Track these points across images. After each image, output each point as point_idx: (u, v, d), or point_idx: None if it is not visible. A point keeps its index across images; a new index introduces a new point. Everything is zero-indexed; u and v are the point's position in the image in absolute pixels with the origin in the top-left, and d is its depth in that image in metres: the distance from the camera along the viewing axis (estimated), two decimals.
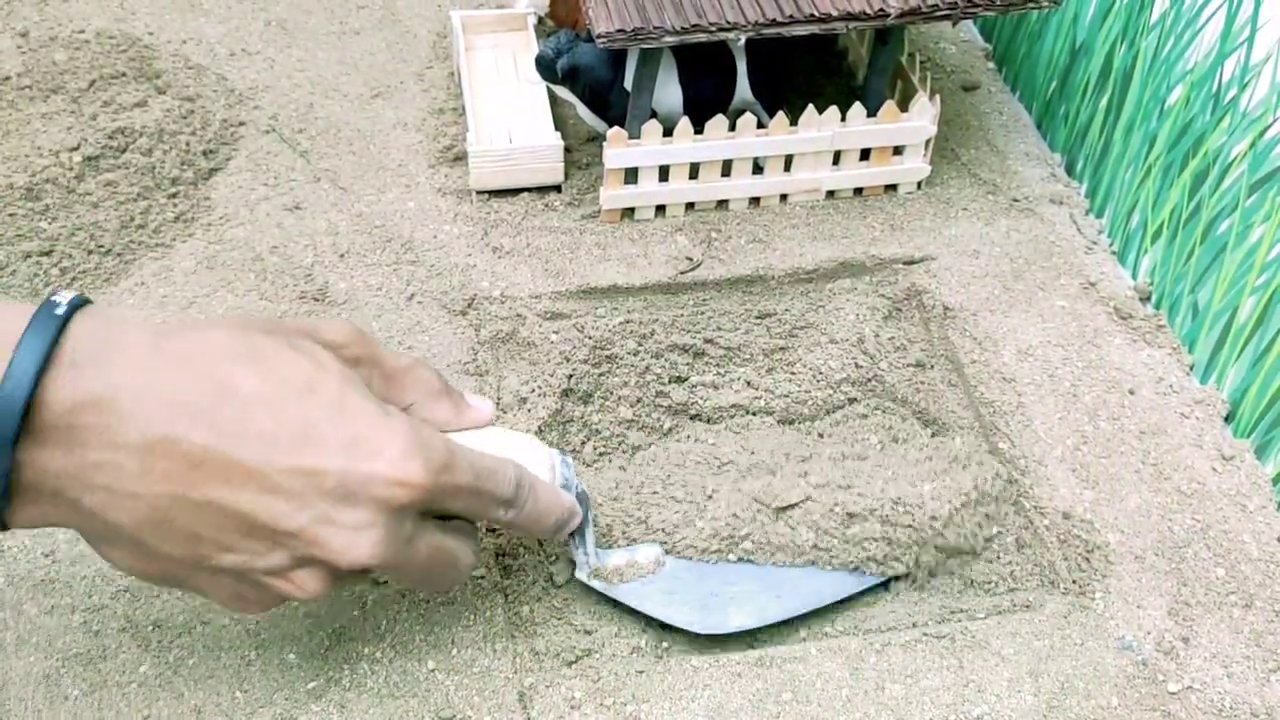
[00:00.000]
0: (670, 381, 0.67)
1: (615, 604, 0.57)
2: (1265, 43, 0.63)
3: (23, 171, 0.72)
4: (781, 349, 0.69)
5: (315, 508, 0.43)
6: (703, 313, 0.70)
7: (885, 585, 0.58)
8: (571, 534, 0.54)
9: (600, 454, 0.64)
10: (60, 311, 0.41)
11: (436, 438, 0.46)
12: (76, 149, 0.74)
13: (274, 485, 0.42)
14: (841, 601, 0.57)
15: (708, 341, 0.68)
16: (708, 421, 0.66)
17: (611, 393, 0.66)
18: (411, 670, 0.53)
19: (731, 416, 0.66)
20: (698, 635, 0.55)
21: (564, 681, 0.53)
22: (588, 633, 0.55)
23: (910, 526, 0.57)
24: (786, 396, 0.67)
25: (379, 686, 0.53)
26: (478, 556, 0.50)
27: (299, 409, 0.43)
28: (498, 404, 0.63)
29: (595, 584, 0.56)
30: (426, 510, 0.46)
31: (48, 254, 0.69)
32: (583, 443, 0.64)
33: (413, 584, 0.50)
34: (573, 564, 0.56)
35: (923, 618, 0.57)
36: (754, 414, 0.66)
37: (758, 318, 0.69)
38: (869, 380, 0.67)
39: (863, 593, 0.58)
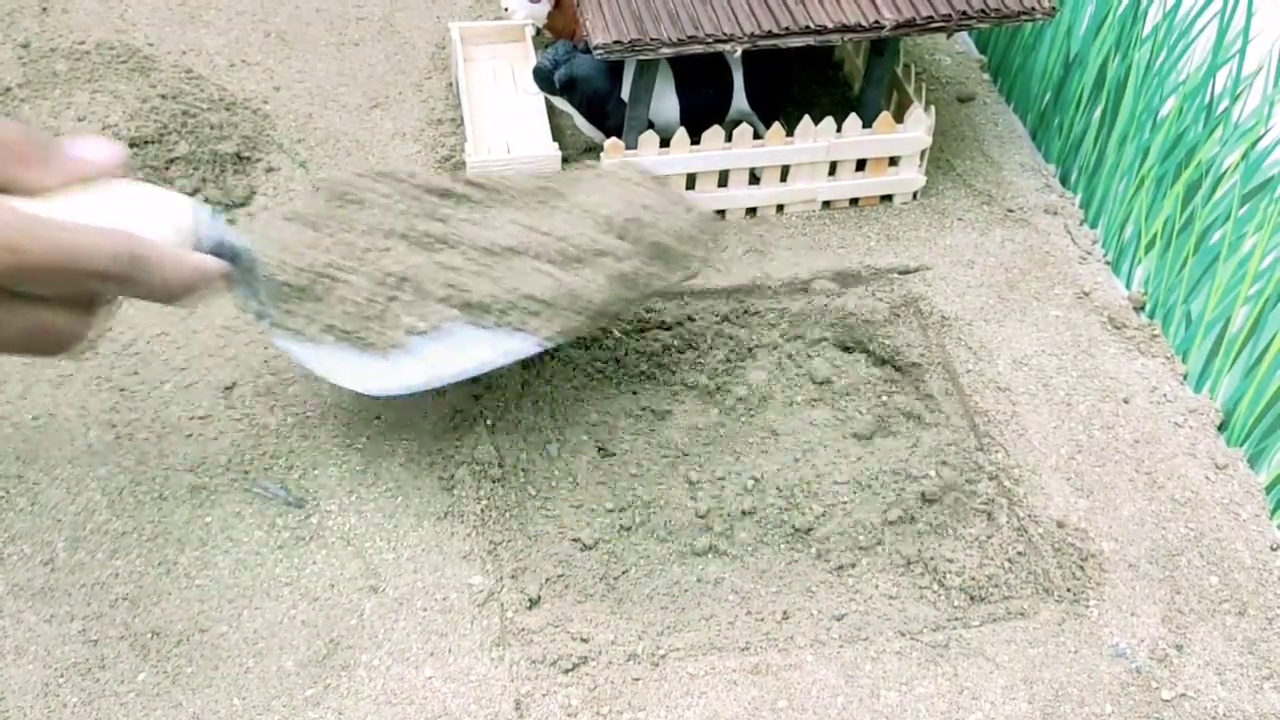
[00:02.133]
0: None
1: (611, 612, 0.57)
2: (1257, 55, 0.64)
3: None
4: None
5: None
6: None
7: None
8: (241, 286, 0.50)
9: None
10: None
11: (3, 213, 0.41)
12: None
13: None
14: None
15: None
16: None
17: None
18: (408, 678, 0.54)
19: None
20: (695, 640, 0.55)
21: (560, 689, 0.54)
22: (584, 640, 0.56)
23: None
24: None
25: (376, 694, 0.53)
26: (94, 324, 0.45)
27: None
28: None
29: (276, 338, 0.53)
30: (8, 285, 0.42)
31: None
32: None
33: (14, 349, 0.44)
34: (259, 318, 0.54)
35: (917, 625, 0.57)
36: None
37: None
38: None
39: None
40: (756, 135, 0.74)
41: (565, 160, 0.77)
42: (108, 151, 0.45)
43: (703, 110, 0.75)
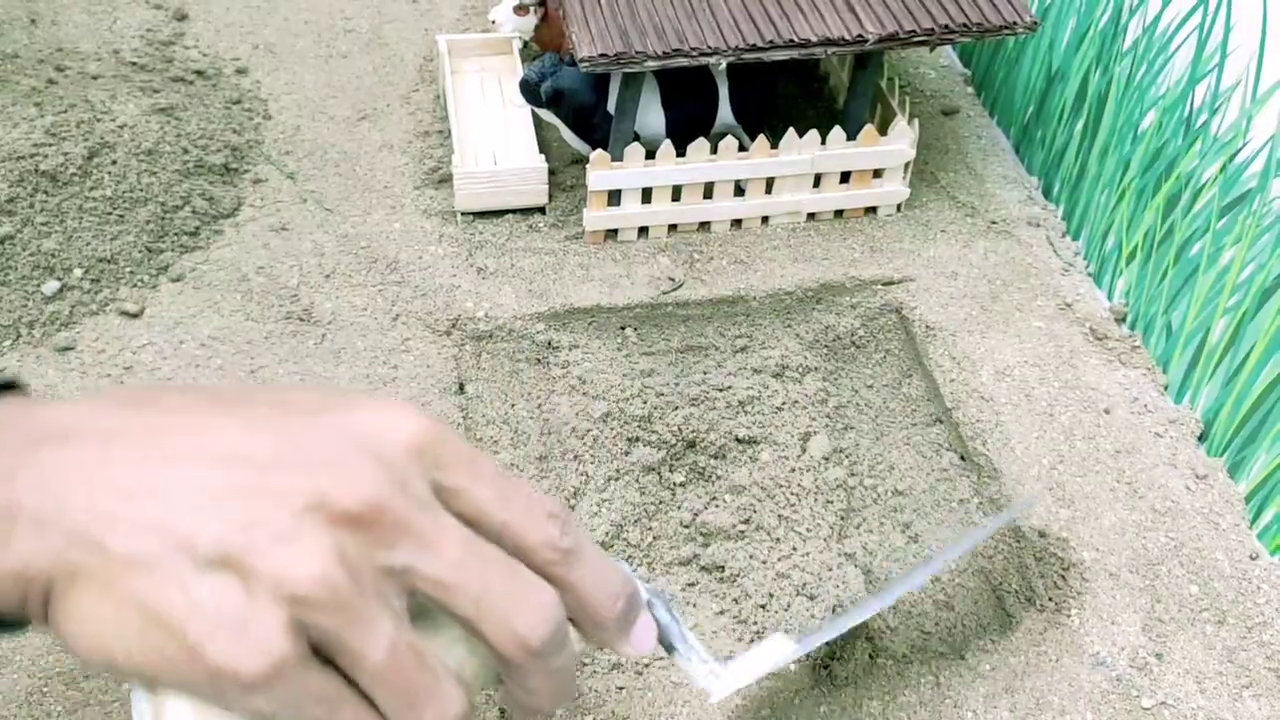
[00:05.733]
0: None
1: None
2: (1234, 69, 0.64)
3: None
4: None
5: (296, 456, 0.33)
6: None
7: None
8: (667, 650, 0.40)
9: None
10: None
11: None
12: (62, 168, 0.74)
13: (249, 449, 0.33)
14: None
15: None
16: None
17: None
18: None
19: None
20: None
21: None
22: None
23: None
24: None
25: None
26: (472, 698, 0.34)
27: (274, 394, 0.36)
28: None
29: (732, 689, 0.41)
30: (440, 475, 0.34)
31: None
32: None
33: (462, 589, 0.33)
34: (703, 688, 0.41)
35: (900, 633, 0.58)
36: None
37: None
38: None
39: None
40: (742, 148, 0.75)
41: (552, 172, 0.77)
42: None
43: (688, 123, 0.76)
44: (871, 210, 0.78)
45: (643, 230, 0.76)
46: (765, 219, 0.77)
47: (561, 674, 0.35)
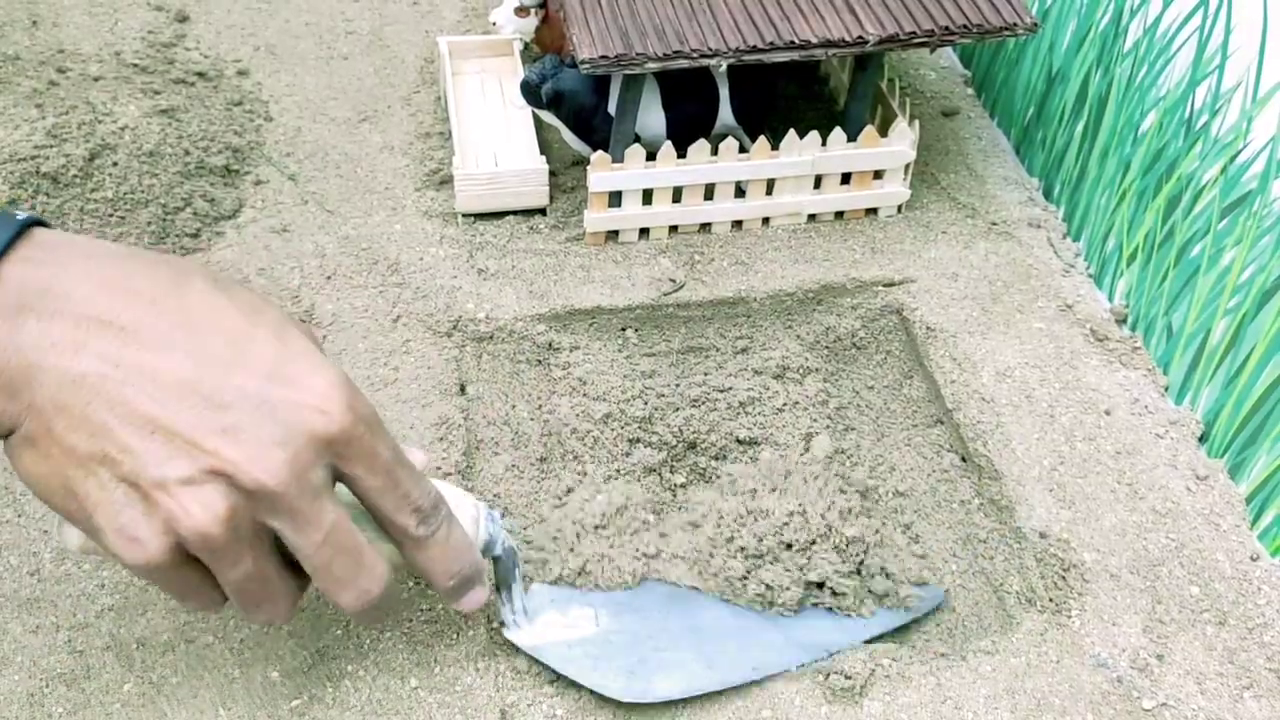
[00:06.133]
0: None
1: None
2: (1235, 70, 0.65)
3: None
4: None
5: (228, 418, 0.41)
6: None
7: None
8: (498, 590, 0.53)
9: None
10: (20, 218, 0.43)
11: (367, 401, 0.44)
12: (64, 170, 0.74)
13: (191, 389, 0.41)
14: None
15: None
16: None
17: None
18: (394, 688, 0.54)
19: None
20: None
21: (545, 700, 0.54)
22: None
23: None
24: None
25: (362, 704, 0.53)
26: (390, 582, 0.46)
27: (238, 327, 0.43)
28: None
29: (523, 644, 0.54)
30: (341, 467, 0.44)
31: None
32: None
33: (316, 567, 0.44)
34: (501, 622, 0.54)
35: (901, 635, 0.58)
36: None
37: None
38: None
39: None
40: (742, 149, 0.75)
41: (552, 174, 0.77)
42: (420, 457, 0.50)
43: (689, 124, 0.76)
44: (872, 211, 0.78)
45: (643, 231, 0.76)
46: (766, 220, 0.77)
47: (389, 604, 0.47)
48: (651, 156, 0.73)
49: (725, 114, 0.77)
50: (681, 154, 0.73)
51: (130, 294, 0.42)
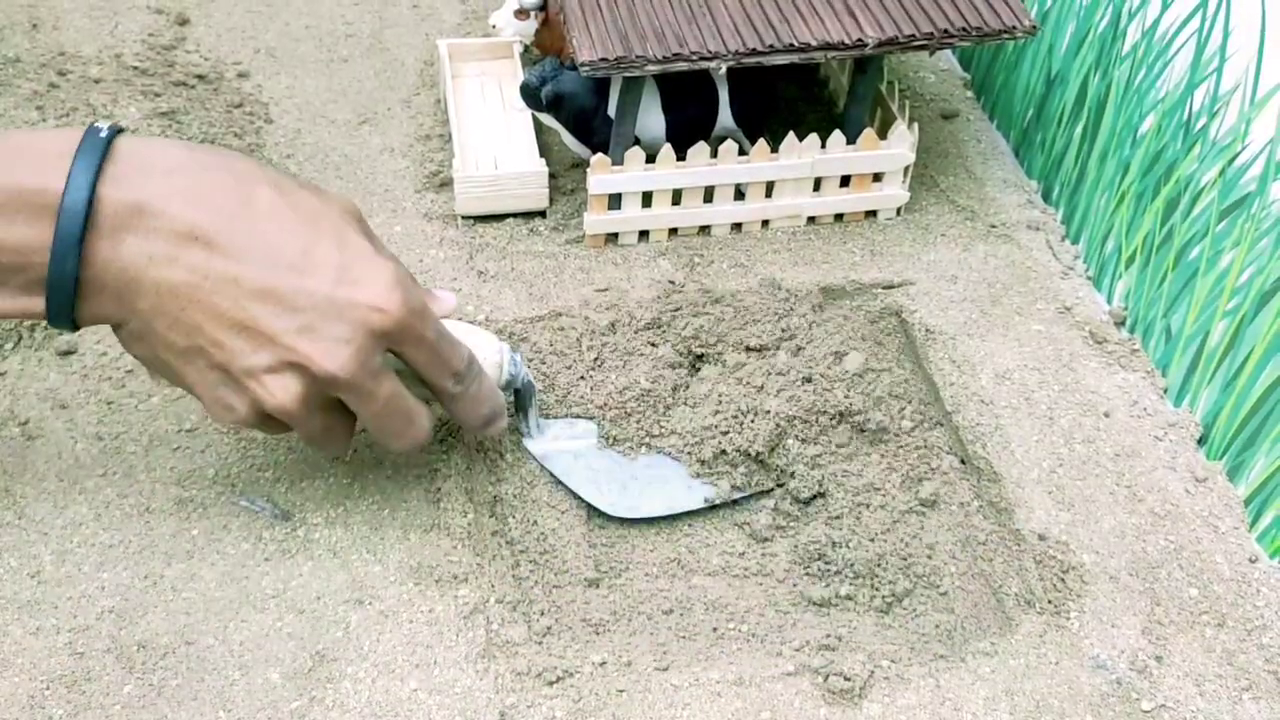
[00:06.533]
0: None
1: (595, 626, 0.57)
2: (1233, 73, 0.65)
3: None
4: None
5: (301, 318, 0.49)
6: None
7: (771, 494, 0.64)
8: (518, 412, 0.62)
9: None
10: (104, 134, 0.49)
11: (418, 288, 0.53)
12: None
13: (269, 294, 0.49)
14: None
15: None
16: None
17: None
18: (394, 690, 0.54)
19: None
20: (679, 651, 0.56)
21: (545, 701, 0.54)
22: (569, 653, 0.56)
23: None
24: None
25: (361, 707, 0.53)
26: (432, 430, 0.56)
27: (304, 233, 0.50)
28: None
29: (534, 451, 0.63)
30: (395, 349, 0.52)
31: None
32: None
33: (373, 425, 0.54)
34: (521, 434, 0.63)
35: (900, 636, 0.58)
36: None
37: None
38: None
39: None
40: (742, 151, 0.75)
41: (552, 176, 0.78)
42: (452, 301, 0.59)
43: (688, 127, 0.76)
44: (871, 214, 0.78)
45: (643, 234, 0.76)
46: (765, 222, 0.77)
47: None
48: (651, 159, 0.73)
49: (725, 117, 0.77)
50: (681, 156, 0.73)
51: (211, 209, 0.49)
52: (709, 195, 0.75)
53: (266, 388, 0.50)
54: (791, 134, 0.74)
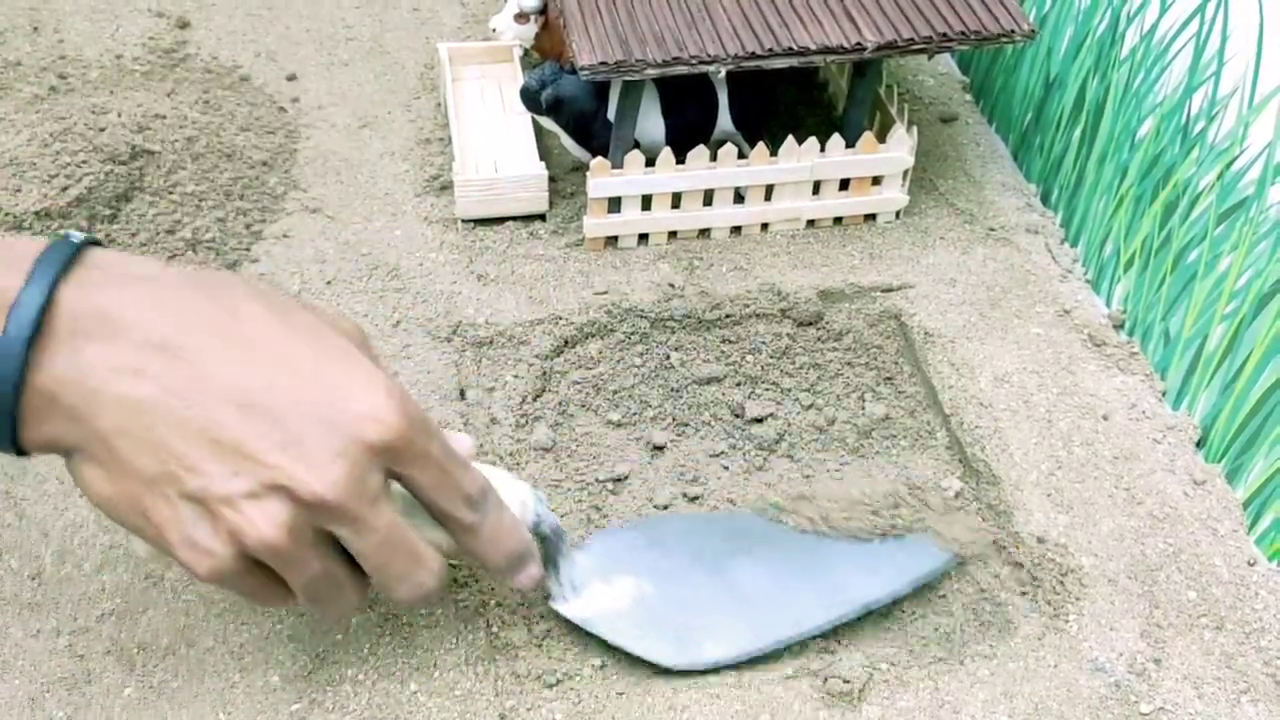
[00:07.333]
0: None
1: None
2: (1231, 77, 0.65)
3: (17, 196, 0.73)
4: None
5: (286, 433, 0.43)
6: None
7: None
8: (546, 566, 0.54)
9: None
10: (76, 240, 0.44)
11: (417, 404, 0.46)
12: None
13: (251, 407, 0.43)
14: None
15: None
16: None
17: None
18: (394, 693, 0.54)
19: None
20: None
21: (545, 704, 0.54)
22: (569, 655, 0.56)
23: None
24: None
25: (361, 709, 0.53)
26: (443, 576, 0.48)
27: (292, 347, 0.44)
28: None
29: (571, 615, 0.55)
30: (396, 469, 0.45)
31: None
32: None
33: (373, 564, 0.46)
34: (548, 595, 0.55)
35: (899, 639, 0.58)
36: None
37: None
38: None
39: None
40: (741, 155, 0.75)
41: (552, 180, 0.78)
42: (467, 443, 0.52)
43: (688, 130, 0.76)
44: (870, 217, 0.79)
45: (643, 237, 0.76)
46: (765, 226, 0.77)
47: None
48: (651, 162, 0.73)
49: (724, 120, 0.77)
50: (681, 160, 0.73)
51: (187, 319, 0.44)
52: (708, 198, 0.75)
53: (247, 516, 0.43)
54: (791, 137, 0.74)
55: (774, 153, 0.74)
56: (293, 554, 0.44)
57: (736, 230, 0.77)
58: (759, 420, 0.67)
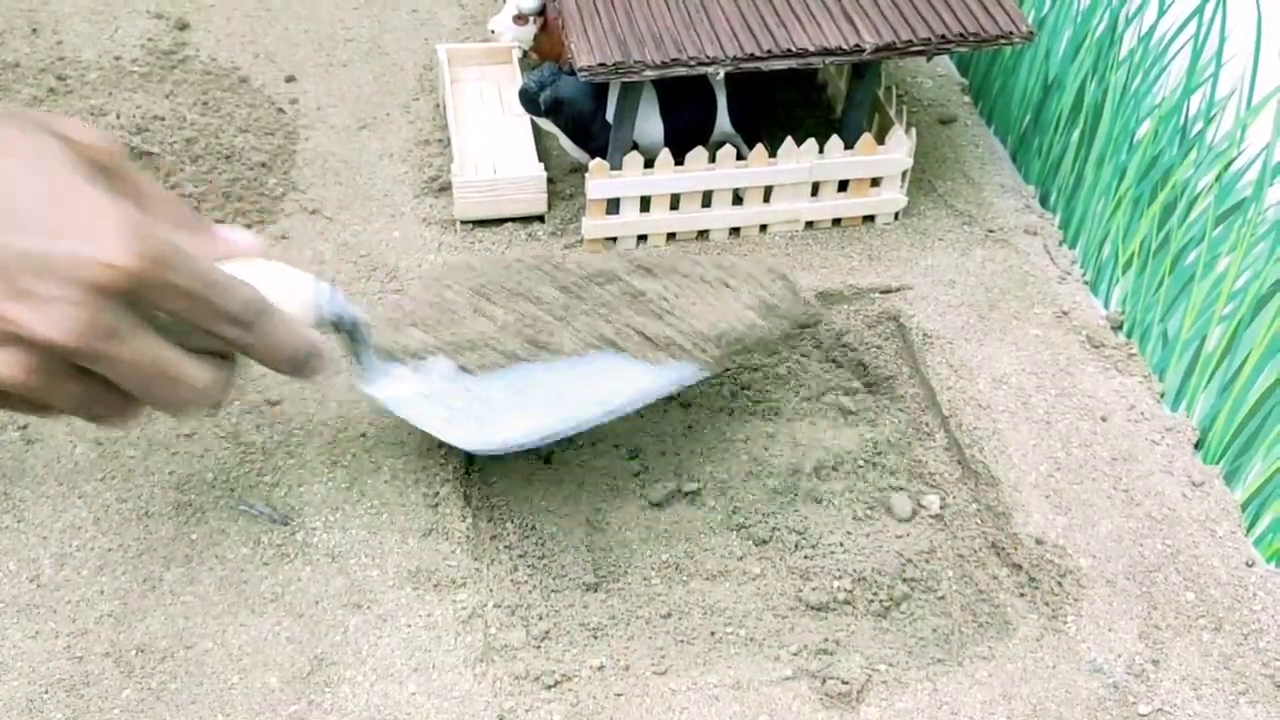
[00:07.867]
0: None
1: (594, 630, 0.57)
2: (1229, 78, 0.65)
3: None
4: None
5: (16, 283, 0.42)
6: None
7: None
8: (352, 354, 0.54)
9: None
10: None
11: (161, 233, 0.44)
12: None
13: None
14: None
15: None
16: None
17: None
18: (392, 694, 0.54)
19: None
20: (677, 655, 0.56)
21: (543, 705, 0.54)
22: (567, 657, 0.56)
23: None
24: None
25: (360, 710, 0.53)
26: (224, 386, 0.48)
27: (19, 195, 0.43)
28: None
29: (376, 394, 0.55)
30: (143, 305, 0.44)
31: None
32: None
33: (137, 395, 0.46)
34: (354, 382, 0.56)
35: (898, 641, 0.58)
36: None
37: None
38: None
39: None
40: (740, 156, 0.75)
41: (551, 181, 0.78)
42: (250, 239, 0.51)
43: (687, 132, 0.76)
44: (869, 218, 0.79)
45: (641, 238, 0.76)
46: (763, 227, 0.77)
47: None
48: (649, 164, 0.73)
49: (723, 121, 0.77)
50: (679, 161, 0.73)
51: None
52: (707, 200, 0.75)
53: None
54: (789, 139, 0.74)
55: (773, 154, 0.74)
56: (46, 390, 0.44)
57: (735, 232, 0.77)
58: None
